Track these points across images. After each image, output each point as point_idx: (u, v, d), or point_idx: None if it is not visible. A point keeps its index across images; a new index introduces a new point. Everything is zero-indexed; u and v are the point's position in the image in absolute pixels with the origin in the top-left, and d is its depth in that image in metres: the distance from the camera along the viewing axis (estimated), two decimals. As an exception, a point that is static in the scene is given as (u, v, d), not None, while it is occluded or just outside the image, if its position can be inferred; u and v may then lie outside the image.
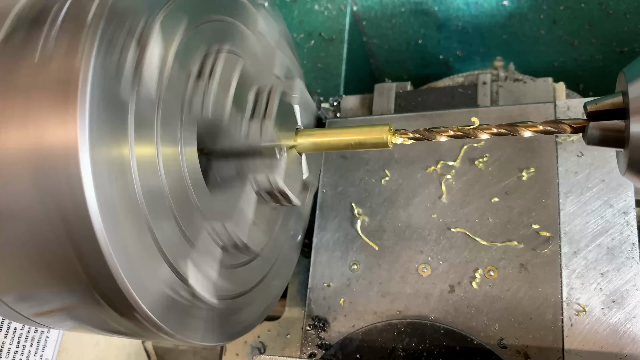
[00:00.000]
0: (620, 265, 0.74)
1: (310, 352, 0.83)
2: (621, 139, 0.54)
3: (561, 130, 0.59)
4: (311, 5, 1.41)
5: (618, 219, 0.76)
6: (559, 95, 0.93)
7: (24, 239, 0.48)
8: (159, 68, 0.55)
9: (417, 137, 0.66)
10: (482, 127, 0.63)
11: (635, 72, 0.53)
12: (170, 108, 0.57)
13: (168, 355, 1.16)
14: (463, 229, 0.82)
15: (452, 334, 0.77)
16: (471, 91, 0.97)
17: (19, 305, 0.56)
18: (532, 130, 0.61)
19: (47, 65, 0.46)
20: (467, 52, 1.53)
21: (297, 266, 0.92)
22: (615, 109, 0.55)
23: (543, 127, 0.60)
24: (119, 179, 0.49)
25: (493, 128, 0.62)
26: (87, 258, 0.47)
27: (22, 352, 0.82)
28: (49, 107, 0.45)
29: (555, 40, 1.42)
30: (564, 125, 0.59)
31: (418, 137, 0.66)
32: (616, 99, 0.55)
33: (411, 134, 0.66)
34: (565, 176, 0.81)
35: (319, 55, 1.38)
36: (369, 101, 1.03)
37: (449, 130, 0.65)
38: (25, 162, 0.46)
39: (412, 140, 0.66)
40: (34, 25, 0.49)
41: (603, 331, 0.72)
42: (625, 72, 0.54)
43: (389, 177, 0.90)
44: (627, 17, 1.31)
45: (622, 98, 0.54)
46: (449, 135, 0.65)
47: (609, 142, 0.56)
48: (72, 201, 0.45)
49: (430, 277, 0.82)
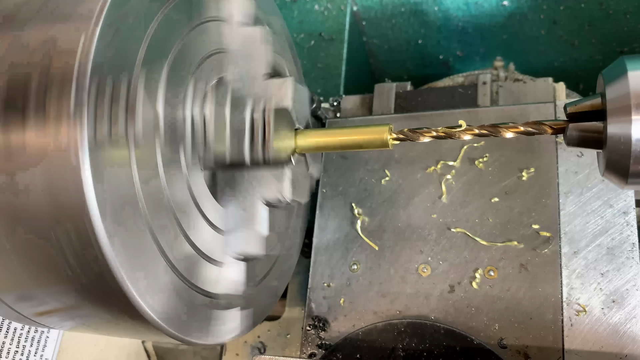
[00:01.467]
0: (620, 265, 0.74)
1: (310, 352, 0.83)
2: (599, 140, 0.55)
3: (542, 132, 0.60)
4: (311, 5, 1.41)
5: (618, 219, 0.76)
6: (559, 95, 0.93)
7: (24, 239, 0.48)
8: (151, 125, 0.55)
9: (401, 137, 0.66)
10: (464, 128, 0.64)
11: (612, 74, 0.53)
12: (170, 151, 0.58)
13: (168, 355, 1.16)
14: (463, 229, 0.82)
15: (452, 334, 0.77)
16: (471, 91, 0.97)
17: (19, 305, 0.56)
18: (514, 132, 0.61)
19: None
20: (467, 52, 1.53)
21: (297, 266, 0.92)
22: (594, 111, 0.56)
23: (524, 129, 0.61)
24: (120, 180, 0.49)
25: (475, 129, 0.63)
26: (87, 258, 0.47)
27: (22, 352, 0.82)
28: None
29: (555, 40, 1.42)
30: (544, 127, 0.60)
31: (402, 138, 0.66)
32: (595, 101, 0.56)
33: (395, 134, 0.66)
34: (565, 176, 0.81)
35: (319, 55, 1.38)
36: (369, 101, 1.03)
37: (431, 131, 0.65)
38: (25, 162, 0.46)
39: (395, 141, 0.66)
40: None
41: (603, 331, 0.72)
42: (603, 74, 0.55)
43: (389, 177, 0.90)
44: (627, 17, 1.31)
45: (601, 100, 0.55)
46: (431, 136, 0.65)
47: (588, 143, 0.57)
48: (72, 201, 0.45)
49: (430, 277, 0.82)
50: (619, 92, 0.51)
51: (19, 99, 0.47)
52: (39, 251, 0.49)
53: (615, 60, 0.54)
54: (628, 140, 0.51)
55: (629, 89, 0.50)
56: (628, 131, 0.50)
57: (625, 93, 0.51)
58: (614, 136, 0.52)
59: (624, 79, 0.51)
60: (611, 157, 0.53)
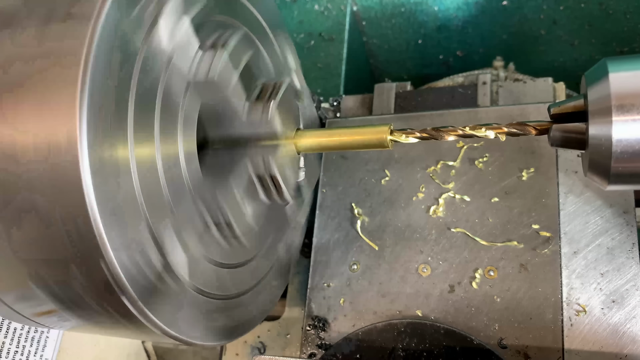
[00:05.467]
0: (620, 265, 0.74)
1: (310, 352, 0.83)
2: (582, 141, 0.56)
3: (526, 132, 0.61)
4: (311, 5, 1.42)
5: (618, 219, 0.76)
6: (559, 95, 0.93)
7: (24, 239, 0.48)
8: (172, 29, 0.55)
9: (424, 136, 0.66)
10: (447, 129, 0.64)
11: (594, 76, 0.53)
12: (175, 83, 0.57)
13: (168, 355, 1.16)
14: (463, 229, 0.82)
15: (452, 334, 0.77)
16: (471, 91, 0.97)
17: (19, 305, 0.56)
18: (498, 132, 0.62)
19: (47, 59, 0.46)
20: (467, 52, 1.53)
21: (297, 266, 0.92)
22: (576, 112, 0.56)
23: (508, 129, 0.61)
24: (119, 179, 0.49)
25: (458, 130, 0.63)
26: (87, 258, 0.47)
27: (22, 352, 0.82)
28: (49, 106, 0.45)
29: (555, 40, 1.42)
30: (529, 128, 0.61)
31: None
32: (578, 102, 0.56)
33: (418, 133, 0.66)
34: (565, 176, 0.81)
35: (319, 55, 1.38)
36: (369, 101, 1.03)
37: (415, 132, 0.66)
38: (25, 162, 0.46)
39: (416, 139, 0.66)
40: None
41: (603, 331, 0.72)
42: (586, 75, 0.55)
43: (389, 177, 0.90)
44: (627, 17, 1.31)
45: (584, 101, 0.55)
46: (415, 136, 0.66)
47: (571, 144, 0.57)
48: (72, 201, 0.45)
49: (430, 277, 0.82)
50: (600, 94, 0.52)
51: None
52: (39, 251, 0.49)
53: (598, 62, 0.54)
54: (609, 141, 0.51)
55: (610, 90, 0.51)
56: (609, 132, 0.51)
57: (606, 94, 0.51)
58: (596, 137, 0.52)
59: (605, 81, 0.52)
60: (593, 157, 0.54)
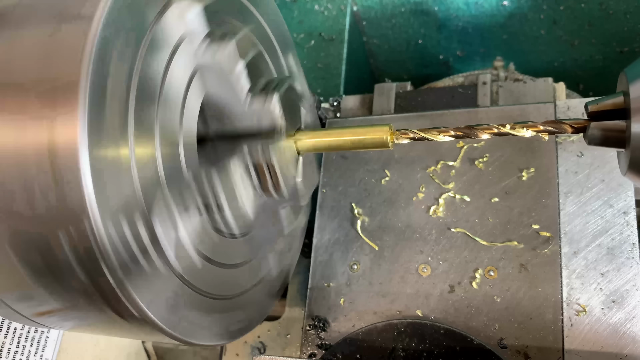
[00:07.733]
0: (620, 265, 0.74)
1: (310, 352, 0.83)
2: (622, 139, 0.55)
3: (562, 131, 0.59)
4: (311, 5, 1.42)
5: (618, 219, 0.76)
6: (559, 95, 0.93)
7: (24, 239, 0.48)
8: (182, 14, 0.56)
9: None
10: (482, 127, 0.63)
11: (636, 72, 0.53)
12: (179, 72, 0.57)
13: (168, 355, 1.16)
14: (463, 229, 0.82)
15: (452, 334, 0.77)
16: (471, 91, 0.97)
17: (19, 305, 0.56)
18: (533, 130, 0.61)
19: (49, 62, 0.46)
20: (467, 52, 1.53)
21: (297, 266, 0.92)
22: (616, 109, 0.55)
23: (544, 127, 0.60)
24: (118, 177, 0.49)
25: (494, 128, 0.62)
26: (87, 258, 0.47)
27: (22, 352, 0.82)
28: (49, 107, 0.45)
29: (555, 40, 1.42)
30: (565, 126, 0.59)
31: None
32: (617, 99, 0.55)
33: (411, 133, 0.66)
34: (565, 176, 0.81)
35: (319, 55, 1.38)
36: (369, 101, 1.03)
37: (449, 130, 0.65)
38: (25, 162, 0.46)
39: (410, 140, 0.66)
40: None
41: (603, 331, 0.72)
42: (626, 72, 0.54)
43: (389, 177, 0.90)
44: (627, 17, 1.31)
45: (624, 98, 0.54)
46: (449, 135, 0.65)
47: (610, 142, 0.56)
48: (72, 201, 0.45)
49: (430, 277, 0.82)
50: None
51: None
52: (39, 251, 0.49)
53: (639, 58, 0.54)
54: None
55: None
56: None
57: None
58: (638, 135, 0.51)
59: None
60: (634, 156, 0.53)
